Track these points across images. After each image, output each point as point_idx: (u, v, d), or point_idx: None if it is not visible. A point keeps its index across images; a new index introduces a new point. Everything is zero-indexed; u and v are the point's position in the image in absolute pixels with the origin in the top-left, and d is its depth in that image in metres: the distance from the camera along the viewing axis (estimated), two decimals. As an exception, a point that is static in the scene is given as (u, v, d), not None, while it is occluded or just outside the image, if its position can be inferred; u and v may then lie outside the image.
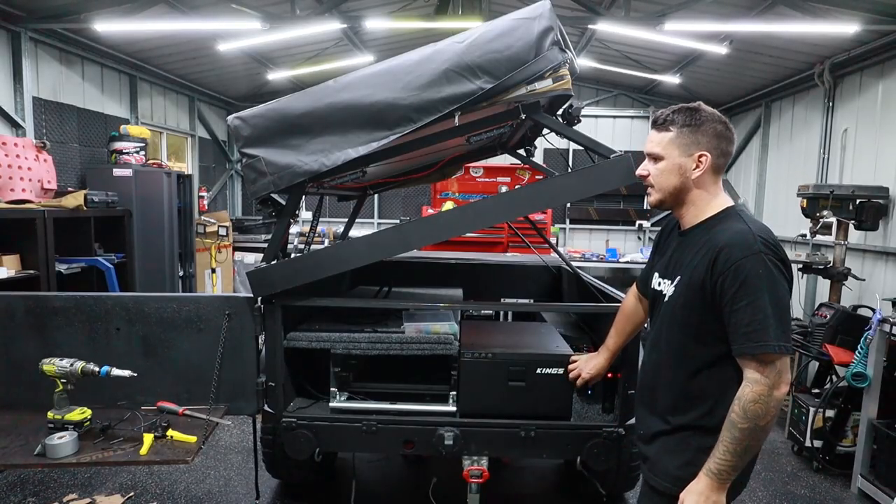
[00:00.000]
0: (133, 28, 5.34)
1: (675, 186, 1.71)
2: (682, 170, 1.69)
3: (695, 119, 1.68)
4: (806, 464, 4.23)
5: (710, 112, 1.70)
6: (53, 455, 2.08)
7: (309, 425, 2.67)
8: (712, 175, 1.70)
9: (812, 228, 4.90)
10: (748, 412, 1.50)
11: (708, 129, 1.67)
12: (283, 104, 2.52)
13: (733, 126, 1.77)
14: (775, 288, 1.52)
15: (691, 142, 1.68)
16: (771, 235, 1.60)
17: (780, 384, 1.51)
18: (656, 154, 1.73)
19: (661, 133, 1.72)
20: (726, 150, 1.70)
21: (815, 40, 5.31)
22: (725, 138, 1.69)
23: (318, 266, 2.52)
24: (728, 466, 1.54)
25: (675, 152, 1.69)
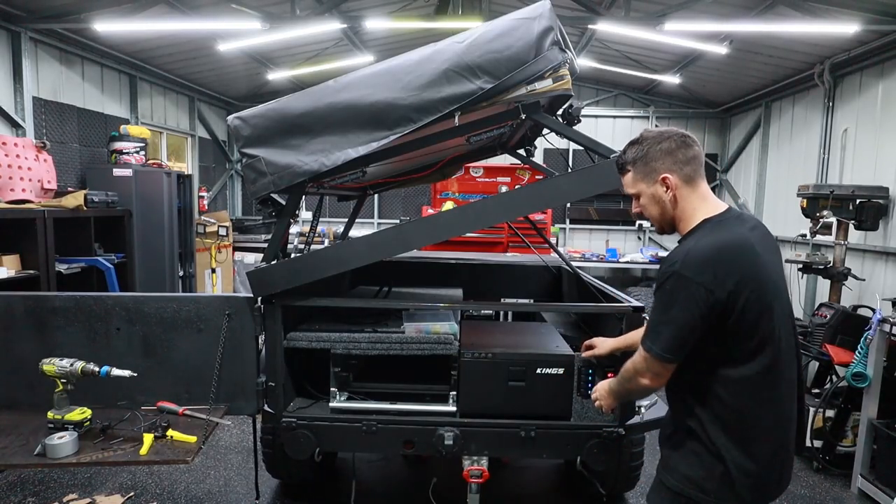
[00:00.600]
0: (133, 28, 5.34)
1: (660, 213, 1.80)
2: (657, 197, 1.77)
3: (640, 151, 1.76)
4: (806, 464, 4.23)
5: (652, 136, 1.76)
6: (53, 455, 2.08)
7: (309, 425, 2.67)
8: (686, 187, 1.74)
9: (812, 228, 4.90)
10: (625, 370, 1.84)
11: (654, 153, 1.74)
12: (283, 104, 2.52)
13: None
14: (678, 307, 1.63)
15: (648, 171, 1.76)
16: (708, 254, 1.61)
17: (645, 375, 1.74)
18: (632, 194, 1.84)
19: (624, 176, 1.84)
20: (684, 157, 1.73)
21: (815, 40, 5.31)
22: (678, 149, 1.73)
23: (318, 266, 2.52)
24: (615, 389, 1.94)
25: (643, 186, 1.78)
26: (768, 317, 1.64)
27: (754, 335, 1.64)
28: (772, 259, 1.74)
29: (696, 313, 1.60)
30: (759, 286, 1.63)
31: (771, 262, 1.72)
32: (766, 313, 1.64)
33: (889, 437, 3.57)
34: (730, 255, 1.62)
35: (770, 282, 1.67)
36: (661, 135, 1.75)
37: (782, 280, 1.77)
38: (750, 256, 1.65)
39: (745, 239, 1.67)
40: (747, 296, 1.60)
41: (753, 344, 1.64)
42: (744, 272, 1.61)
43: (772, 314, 1.65)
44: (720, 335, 1.63)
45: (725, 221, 1.70)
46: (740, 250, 1.64)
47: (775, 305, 1.67)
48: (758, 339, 1.64)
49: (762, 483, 1.71)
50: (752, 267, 1.64)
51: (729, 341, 1.64)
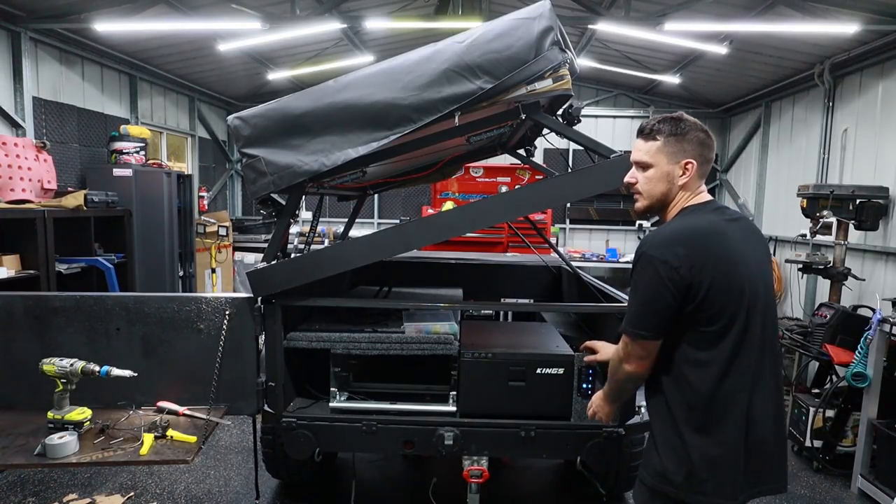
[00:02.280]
0: (133, 28, 5.34)
1: (662, 193, 1.79)
2: (670, 177, 1.77)
3: (680, 128, 1.75)
4: (806, 464, 4.23)
5: (693, 121, 1.78)
6: (53, 455, 2.08)
7: (309, 425, 2.67)
8: (697, 180, 1.79)
9: (812, 228, 4.90)
10: (610, 365, 1.88)
11: (692, 138, 1.75)
12: (284, 104, 2.52)
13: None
14: (644, 284, 1.69)
15: (678, 150, 1.75)
16: (679, 236, 1.68)
17: (628, 362, 1.77)
18: (645, 162, 1.80)
19: (648, 142, 1.79)
20: (709, 156, 1.79)
21: (815, 40, 5.31)
22: (708, 146, 1.78)
23: (318, 266, 2.52)
24: (607, 389, 1.96)
25: (664, 160, 1.77)
26: (735, 304, 1.66)
27: (720, 319, 1.65)
28: (751, 251, 1.75)
29: (662, 290, 1.64)
30: (727, 272, 1.65)
31: (749, 253, 1.73)
32: (734, 301, 1.66)
33: (889, 437, 3.57)
34: (696, 237, 1.67)
35: (743, 272, 1.68)
36: (700, 125, 1.78)
37: (763, 275, 1.78)
38: (719, 242, 1.68)
39: (716, 225, 1.71)
40: (713, 278, 1.63)
41: (718, 328, 1.66)
42: (710, 255, 1.65)
43: (740, 302, 1.67)
44: (687, 317, 1.67)
45: (701, 209, 1.76)
46: (707, 234, 1.69)
47: (747, 295, 1.68)
48: (723, 324, 1.66)
49: (727, 475, 1.70)
50: (721, 252, 1.66)
51: (695, 324, 1.67)
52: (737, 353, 1.67)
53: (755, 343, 1.70)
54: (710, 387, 1.68)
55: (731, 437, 1.70)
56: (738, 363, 1.68)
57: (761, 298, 1.72)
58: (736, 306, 1.66)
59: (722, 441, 1.69)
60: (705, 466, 1.68)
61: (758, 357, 1.71)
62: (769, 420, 1.74)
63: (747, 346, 1.69)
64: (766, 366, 1.73)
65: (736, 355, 1.67)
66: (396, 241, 2.56)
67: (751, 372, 1.69)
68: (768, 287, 1.79)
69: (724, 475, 1.70)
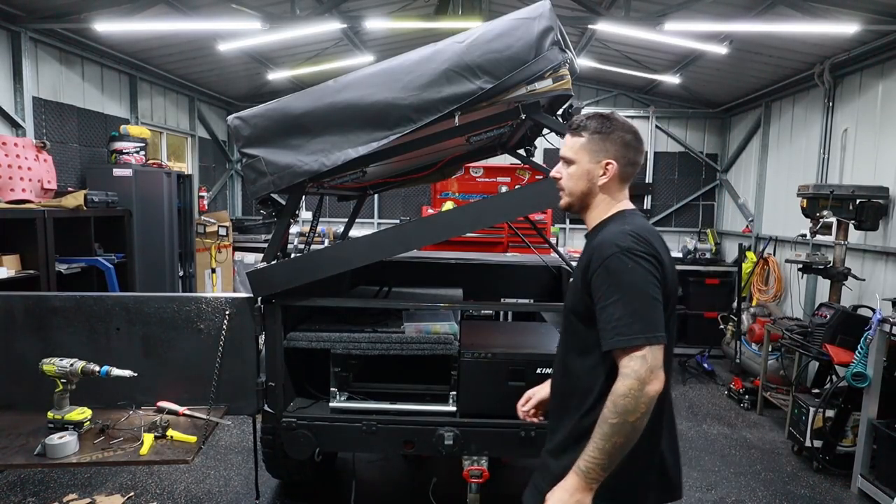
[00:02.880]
0: (133, 28, 5.34)
1: (582, 191, 1.75)
2: (590, 175, 1.72)
3: (605, 126, 1.71)
4: (806, 464, 4.23)
5: (622, 122, 1.73)
6: (53, 455, 2.08)
7: (309, 425, 2.68)
8: (618, 183, 1.73)
9: (812, 228, 4.90)
10: (618, 406, 1.47)
11: (616, 138, 1.70)
12: (284, 104, 2.53)
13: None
14: (639, 282, 1.53)
15: (600, 149, 1.71)
16: (645, 232, 1.62)
17: (653, 379, 1.48)
18: (568, 158, 1.76)
19: (574, 138, 1.75)
20: (633, 159, 1.73)
21: (815, 40, 5.30)
22: (633, 148, 1.72)
23: (318, 266, 2.52)
24: (596, 464, 1.49)
25: (585, 158, 1.72)
26: (672, 304, 1.67)
27: (668, 325, 1.62)
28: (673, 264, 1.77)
29: (656, 283, 1.55)
30: (673, 280, 1.67)
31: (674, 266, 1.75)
32: (672, 303, 1.67)
33: (889, 437, 3.57)
34: (654, 236, 1.66)
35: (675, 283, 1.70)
36: (630, 127, 1.74)
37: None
38: (664, 246, 1.69)
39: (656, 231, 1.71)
40: (669, 277, 1.64)
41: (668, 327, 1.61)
42: (666, 255, 1.66)
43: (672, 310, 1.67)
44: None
45: (639, 215, 1.75)
46: (661, 239, 1.69)
47: (674, 304, 1.69)
48: (669, 330, 1.63)
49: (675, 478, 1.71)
50: (670, 259, 1.67)
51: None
52: (670, 354, 1.67)
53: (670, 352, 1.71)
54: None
55: (674, 439, 1.73)
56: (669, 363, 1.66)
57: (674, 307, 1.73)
58: (672, 311, 1.67)
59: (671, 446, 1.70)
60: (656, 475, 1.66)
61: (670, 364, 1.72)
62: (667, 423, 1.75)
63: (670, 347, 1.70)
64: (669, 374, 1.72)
65: (670, 356, 1.66)
66: (396, 241, 2.56)
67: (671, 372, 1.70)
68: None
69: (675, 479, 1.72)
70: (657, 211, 8.55)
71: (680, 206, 8.52)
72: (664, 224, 8.57)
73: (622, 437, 1.47)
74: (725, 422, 5.09)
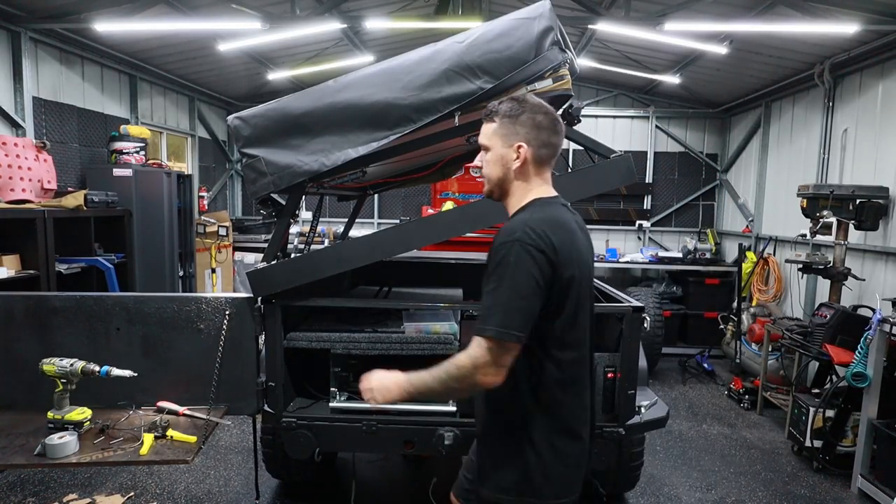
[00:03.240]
0: (133, 28, 5.33)
1: (498, 177, 1.73)
2: (505, 160, 1.71)
3: (514, 109, 1.68)
4: (806, 464, 4.23)
5: (534, 103, 1.70)
6: (53, 455, 2.08)
7: (309, 425, 2.67)
8: (535, 166, 1.71)
9: (812, 228, 4.90)
10: (449, 371, 1.58)
11: (526, 120, 1.67)
12: (284, 104, 2.52)
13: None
14: (516, 277, 1.53)
15: (510, 132, 1.68)
16: (545, 225, 1.59)
17: (488, 373, 1.53)
18: (484, 145, 1.75)
19: (487, 124, 1.74)
20: (547, 140, 1.70)
21: (815, 40, 5.30)
22: (547, 129, 1.69)
23: (318, 266, 2.52)
24: (420, 383, 1.64)
25: (498, 142, 1.71)
26: (582, 300, 1.68)
27: (577, 317, 1.65)
28: (588, 251, 1.76)
29: (539, 280, 1.54)
30: (580, 271, 1.65)
31: (587, 253, 1.75)
32: (583, 297, 1.69)
33: (889, 437, 3.57)
34: (561, 228, 1.63)
35: (585, 270, 1.71)
36: (541, 108, 1.71)
37: (591, 274, 1.80)
38: (576, 240, 1.67)
39: (573, 223, 1.70)
40: (573, 274, 1.61)
41: (575, 325, 1.66)
42: (573, 251, 1.63)
43: (583, 299, 1.69)
44: (552, 311, 1.60)
45: (555, 204, 1.73)
46: (570, 230, 1.66)
47: (585, 292, 1.70)
48: (579, 322, 1.67)
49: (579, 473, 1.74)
50: (578, 251, 1.66)
51: (559, 319, 1.62)
52: (583, 355, 1.72)
53: (588, 346, 1.75)
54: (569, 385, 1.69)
55: (585, 436, 1.75)
56: (582, 363, 1.72)
57: (589, 298, 1.76)
58: (583, 303, 1.69)
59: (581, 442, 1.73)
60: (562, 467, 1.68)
61: (589, 359, 1.77)
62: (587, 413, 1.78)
63: (586, 347, 1.74)
64: (585, 366, 1.77)
65: (583, 357, 1.72)
66: (396, 241, 2.56)
67: (587, 373, 1.75)
68: (591, 286, 1.82)
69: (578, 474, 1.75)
70: (657, 211, 8.55)
71: (680, 206, 8.51)
72: (664, 224, 8.57)
73: (440, 389, 1.62)
74: (725, 422, 5.09)
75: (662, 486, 3.86)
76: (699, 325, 7.30)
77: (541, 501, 1.65)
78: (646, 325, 2.67)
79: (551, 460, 1.65)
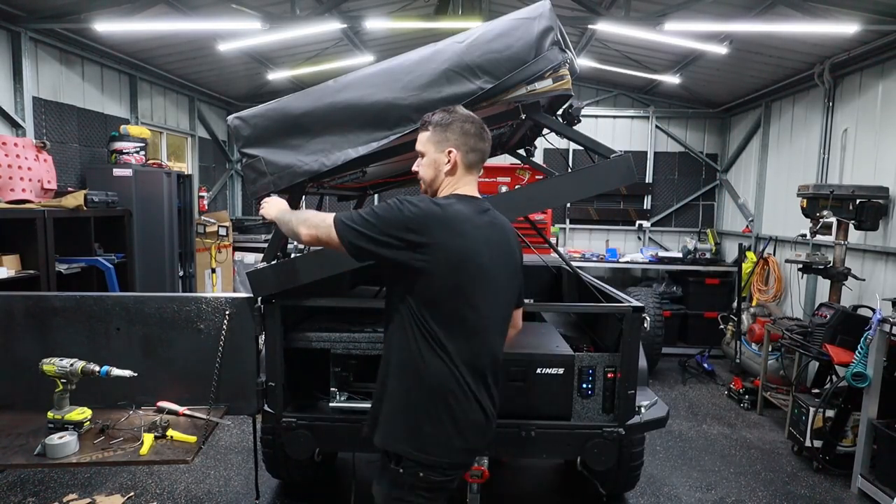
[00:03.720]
0: (133, 28, 5.33)
1: (431, 178, 1.96)
2: (437, 164, 1.93)
3: (445, 119, 1.92)
4: (806, 464, 4.23)
5: (462, 114, 1.94)
6: (53, 455, 2.08)
7: (309, 425, 2.67)
8: (463, 169, 1.93)
9: (812, 228, 4.90)
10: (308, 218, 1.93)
11: (456, 128, 1.91)
12: (284, 104, 2.52)
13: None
14: (383, 206, 1.80)
15: (442, 139, 1.91)
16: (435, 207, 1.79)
17: (316, 232, 1.89)
18: (420, 151, 1.97)
19: (422, 133, 1.97)
20: (475, 146, 1.92)
21: (815, 40, 5.30)
22: (474, 136, 1.92)
23: (318, 266, 2.52)
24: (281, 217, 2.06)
25: (432, 148, 1.93)
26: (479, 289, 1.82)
27: (461, 296, 1.80)
28: (492, 248, 1.88)
29: (394, 220, 1.75)
30: (469, 258, 1.79)
31: (487, 249, 1.86)
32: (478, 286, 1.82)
33: (889, 437, 3.57)
34: (444, 218, 1.78)
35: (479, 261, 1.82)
36: (469, 118, 1.93)
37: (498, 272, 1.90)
38: (463, 228, 1.80)
39: (467, 217, 1.83)
40: (446, 258, 1.76)
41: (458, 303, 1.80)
42: (454, 235, 1.78)
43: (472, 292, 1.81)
44: (419, 289, 1.79)
45: (463, 200, 1.89)
46: (461, 219, 1.80)
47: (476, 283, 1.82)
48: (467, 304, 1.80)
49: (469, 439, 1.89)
50: (460, 241, 1.78)
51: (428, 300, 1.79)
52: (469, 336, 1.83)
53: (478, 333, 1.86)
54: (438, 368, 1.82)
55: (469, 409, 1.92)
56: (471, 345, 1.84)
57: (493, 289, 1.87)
58: (474, 289, 1.81)
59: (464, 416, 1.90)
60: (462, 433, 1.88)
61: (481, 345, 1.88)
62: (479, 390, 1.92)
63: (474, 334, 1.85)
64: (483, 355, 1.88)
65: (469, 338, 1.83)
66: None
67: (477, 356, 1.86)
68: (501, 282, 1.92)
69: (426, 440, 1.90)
70: (657, 211, 8.55)
71: (680, 206, 8.51)
72: (664, 224, 8.57)
73: (285, 220, 2.04)
74: (725, 422, 5.09)
75: (662, 486, 3.86)
76: (699, 325, 7.30)
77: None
78: (646, 325, 2.67)
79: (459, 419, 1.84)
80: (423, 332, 1.80)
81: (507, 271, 1.94)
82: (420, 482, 1.82)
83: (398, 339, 1.87)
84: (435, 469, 1.82)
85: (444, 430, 1.81)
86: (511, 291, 1.99)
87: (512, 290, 1.99)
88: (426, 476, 1.81)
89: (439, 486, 1.85)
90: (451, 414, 1.81)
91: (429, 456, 1.81)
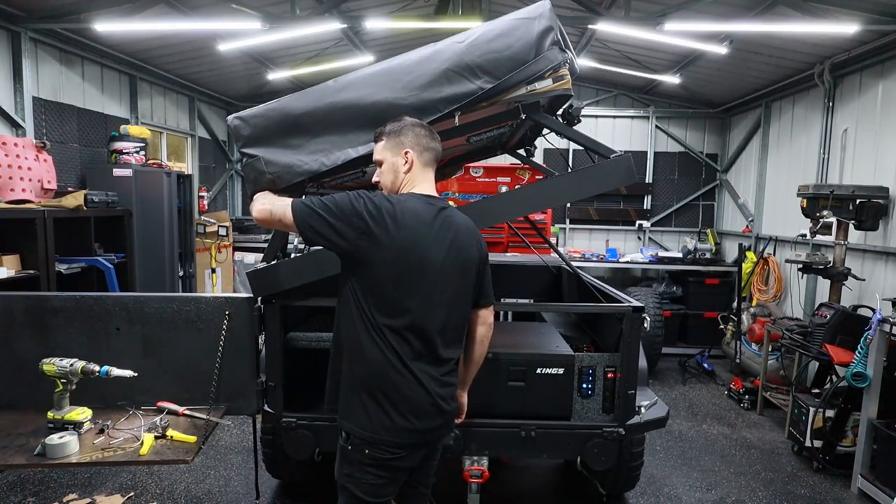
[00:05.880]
0: (133, 28, 5.33)
1: (392, 181, 2.08)
2: (395, 167, 2.06)
3: (396, 127, 2.07)
4: (806, 464, 4.23)
5: (411, 121, 2.09)
6: (53, 455, 2.09)
7: (309, 425, 2.68)
8: (421, 168, 2.07)
9: (812, 228, 4.90)
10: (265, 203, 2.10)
11: (408, 132, 2.06)
12: (284, 104, 2.52)
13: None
14: (338, 196, 1.92)
15: (397, 143, 2.05)
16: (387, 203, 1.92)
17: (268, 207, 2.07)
18: (378, 160, 2.10)
19: (377, 143, 2.10)
20: (428, 145, 2.07)
21: (815, 40, 5.30)
22: (425, 136, 2.07)
23: (318, 266, 2.52)
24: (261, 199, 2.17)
25: (388, 154, 2.07)
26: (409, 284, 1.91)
27: (394, 289, 1.90)
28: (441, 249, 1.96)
29: (350, 211, 1.88)
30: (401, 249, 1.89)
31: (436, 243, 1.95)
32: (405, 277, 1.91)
33: (889, 437, 3.57)
34: (392, 212, 1.90)
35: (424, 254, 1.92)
36: (419, 123, 2.11)
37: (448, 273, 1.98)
38: (407, 225, 1.90)
39: (416, 213, 1.94)
40: (389, 248, 1.87)
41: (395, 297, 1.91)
42: (394, 229, 1.88)
43: (411, 284, 1.91)
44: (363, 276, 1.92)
45: (417, 197, 2.01)
46: (403, 215, 1.91)
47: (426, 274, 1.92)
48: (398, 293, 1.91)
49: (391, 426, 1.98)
50: (405, 233, 1.89)
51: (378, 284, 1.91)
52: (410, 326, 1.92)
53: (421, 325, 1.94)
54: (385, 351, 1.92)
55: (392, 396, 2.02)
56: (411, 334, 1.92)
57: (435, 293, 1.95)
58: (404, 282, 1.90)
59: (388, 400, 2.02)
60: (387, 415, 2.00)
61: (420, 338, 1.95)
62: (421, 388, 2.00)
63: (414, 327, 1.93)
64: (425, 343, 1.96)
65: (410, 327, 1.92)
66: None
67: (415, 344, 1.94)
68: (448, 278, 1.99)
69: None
70: (657, 211, 8.55)
71: (680, 206, 8.52)
72: (664, 224, 8.57)
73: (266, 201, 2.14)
74: (725, 422, 5.09)
75: (662, 486, 3.86)
76: (699, 325, 7.30)
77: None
78: (646, 325, 2.67)
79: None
80: (363, 317, 1.92)
81: (458, 268, 2.02)
82: (366, 458, 1.93)
83: (344, 322, 2.00)
84: (378, 446, 1.92)
85: (384, 410, 1.92)
86: (464, 289, 2.07)
87: (465, 288, 2.07)
88: (371, 453, 1.92)
89: (387, 465, 1.94)
90: (387, 395, 1.92)
91: (374, 434, 1.92)
